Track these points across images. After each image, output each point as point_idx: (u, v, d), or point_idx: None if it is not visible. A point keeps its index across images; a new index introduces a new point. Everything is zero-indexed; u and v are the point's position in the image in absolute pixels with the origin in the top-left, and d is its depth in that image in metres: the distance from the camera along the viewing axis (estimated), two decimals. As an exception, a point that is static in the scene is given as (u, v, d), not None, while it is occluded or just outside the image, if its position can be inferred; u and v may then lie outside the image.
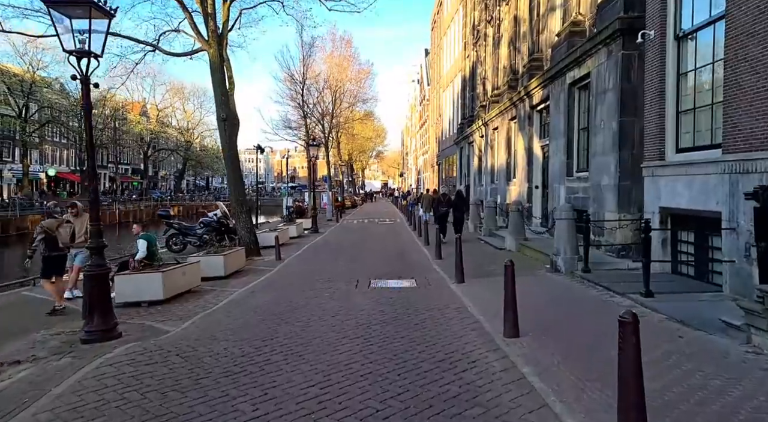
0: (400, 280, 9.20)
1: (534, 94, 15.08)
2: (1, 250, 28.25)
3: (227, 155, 13.88)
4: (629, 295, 7.02)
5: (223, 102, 13.52)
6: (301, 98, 29.09)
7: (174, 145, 72.85)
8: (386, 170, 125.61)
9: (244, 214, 13.76)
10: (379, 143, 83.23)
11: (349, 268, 11.10)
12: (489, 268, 10.33)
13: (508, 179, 18.50)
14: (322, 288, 8.48)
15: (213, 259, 10.32)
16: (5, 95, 39.47)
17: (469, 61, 28.88)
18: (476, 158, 24.91)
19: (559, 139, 12.91)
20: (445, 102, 40.45)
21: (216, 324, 6.11)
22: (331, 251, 14.63)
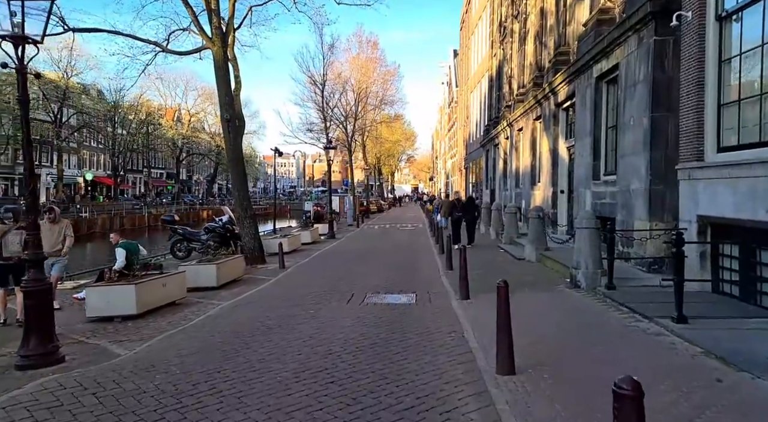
0: (398, 295, 8.32)
1: (559, 91, 13.94)
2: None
3: (231, 157, 13.34)
4: (658, 319, 5.93)
5: (227, 102, 12.98)
6: (321, 100, 28.52)
7: (205, 149, 73.93)
8: (417, 173, 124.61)
9: (249, 219, 13.16)
10: (408, 147, 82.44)
11: (350, 279, 10.29)
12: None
13: (533, 183, 17.34)
14: (310, 304, 7.69)
15: (204, 268, 9.70)
16: (41, 101, 40.57)
17: (496, 60, 27.74)
18: (501, 160, 23.74)
19: (585, 139, 11.77)
20: (473, 103, 39.29)
21: (171, 349, 5.39)
22: (339, 260, 13.86)
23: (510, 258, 12.67)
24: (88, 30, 12.22)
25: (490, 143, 27.26)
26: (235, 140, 13.20)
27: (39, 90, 39.43)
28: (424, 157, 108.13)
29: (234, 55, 14.11)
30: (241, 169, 13.49)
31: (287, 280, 10.62)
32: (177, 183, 70.79)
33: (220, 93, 12.97)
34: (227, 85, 13.03)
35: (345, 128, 33.72)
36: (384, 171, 78.29)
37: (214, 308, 7.67)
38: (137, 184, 71.41)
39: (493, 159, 26.98)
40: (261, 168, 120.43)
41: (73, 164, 57.99)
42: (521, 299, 7.70)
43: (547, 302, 7.40)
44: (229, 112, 12.95)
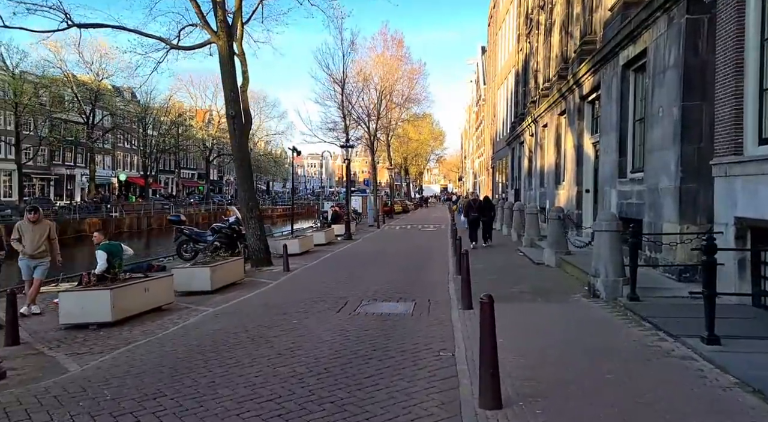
0: (396, 303, 7.63)
1: (584, 83, 12.96)
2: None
3: (236, 155, 12.92)
4: (685, 339, 5.07)
5: (232, 98, 12.55)
6: (340, 98, 27.98)
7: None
8: (447, 174, 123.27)
9: (254, 220, 12.70)
10: (436, 147, 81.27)
11: (352, 283, 9.66)
12: (513, 289, 8.51)
13: (557, 182, 16.33)
14: (298, 312, 7.09)
15: (199, 271, 9.24)
16: (75, 103, 41.59)
17: (522, 54, 26.65)
18: (526, 159, 22.70)
19: (611, 133, 10.80)
20: (500, 101, 38.15)
21: (123, 365, 4.88)
22: (348, 262, 13.26)
23: (527, 262, 11.80)
24: (92, 25, 12.02)
25: (516, 140, 26.20)
26: (241, 138, 12.77)
27: (72, 92, 40.48)
28: (454, 157, 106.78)
29: (242, 51, 13.70)
30: (246, 167, 13.05)
31: (287, 284, 10.08)
32: (207, 183, 71.85)
33: (225, 89, 12.55)
34: (233, 80, 12.61)
35: (367, 127, 33.11)
36: (411, 171, 77.43)
37: (196, 317, 7.17)
38: (169, 184, 72.77)
39: (518, 158, 25.93)
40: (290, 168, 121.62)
41: (107, 164, 59.51)
42: (530, 310, 6.90)
43: (559, 314, 6.58)
44: (234, 108, 12.52)
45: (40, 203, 36.82)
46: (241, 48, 13.66)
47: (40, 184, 45.91)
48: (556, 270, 10.40)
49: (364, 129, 32.69)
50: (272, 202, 69.36)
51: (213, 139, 69.21)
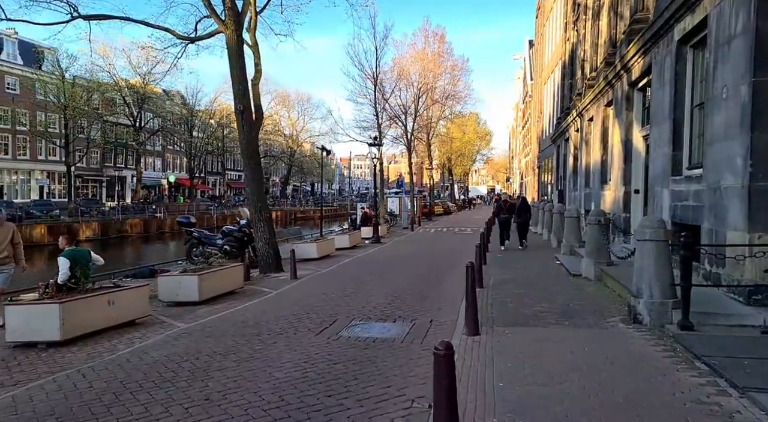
0: (392, 323, 6.47)
1: (633, 66, 11.29)
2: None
3: (245, 152, 12.11)
4: (755, 394, 3.65)
5: (241, 92, 11.76)
6: (373, 95, 26.97)
7: (279, 152, 75.44)
8: (495, 174, 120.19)
9: (263, 222, 11.85)
10: (483, 147, 78.97)
11: (355, 295, 8.57)
12: (539, 307, 7.14)
13: (603, 182, 14.57)
14: (272, 333, 6.07)
15: (186, 280, 8.40)
16: (123, 106, 42.81)
17: (569, 44, 24.71)
18: (571, 157, 20.85)
19: (663, 123, 9.16)
20: (546, 96, 36.03)
21: (24, 404, 3.99)
22: (363, 269, 12.15)
23: (562, 273, 10.29)
24: (97, 17, 11.56)
25: (561, 137, 24.31)
26: (250, 134, 11.95)
27: (120, 95, 41.67)
28: (502, 157, 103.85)
29: (255, 42, 12.93)
30: (255, 165, 12.22)
31: (285, 295, 9.09)
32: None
33: (234, 82, 11.77)
34: (242, 73, 11.81)
35: (404, 125, 31.92)
36: (456, 172, 75.50)
37: (158, 336, 6.27)
38: (217, 185, 74.40)
39: (563, 156, 24.02)
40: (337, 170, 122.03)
41: (158, 166, 61.41)
42: (552, 338, 5.55)
43: (586, 346, 5.20)
44: (242, 103, 11.72)
45: (89, 203, 38.14)
46: (254, 39, 12.88)
47: (93, 185, 47.68)
48: (594, 284, 8.88)
49: (400, 127, 31.51)
50: (314, 203, 69.44)
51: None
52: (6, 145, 38.67)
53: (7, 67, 38.24)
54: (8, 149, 38.81)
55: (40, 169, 40.88)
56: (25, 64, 38.78)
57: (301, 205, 67.58)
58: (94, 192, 47.31)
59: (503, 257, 13.70)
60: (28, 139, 39.29)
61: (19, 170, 40.05)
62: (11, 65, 38.51)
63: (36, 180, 40.23)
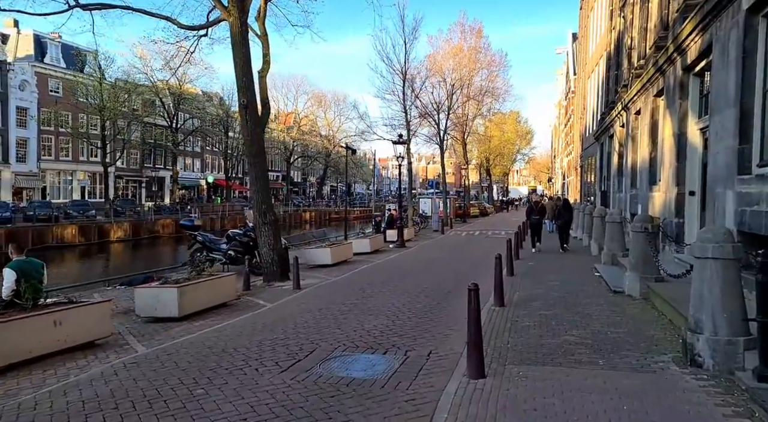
0: (382, 355, 5.31)
1: (689, 47, 9.67)
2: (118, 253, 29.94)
3: (249, 149, 11.24)
4: None
5: (245, 84, 10.87)
6: (402, 90, 25.73)
7: (315, 152, 75.30)
8: (537, 175, 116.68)
9: (268, 226, 10.92)
10: (523, 146, 76.42)
11: (351, 314, 7.47)
12: (568, 335, 5.81)
13: (652, 183, 12.87)
14: (230, 368, 5.03)
15: (165, 292, 7.50)
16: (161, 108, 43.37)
17: (615, 33, 22.75)
18: (616, 154, 19.02)
19: (727, 111, 7.59)
20: (589, 91, 33.84)
21: None
22: (375, 279, 11.01)
23: (601, 289, 8.82)
24: (94, 6, 10.93)
25: (604, 134, 22.42)
26: (254, 130, 11.03)
27: (157, 96, 42.17)
28: (544, 157, 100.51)
29: (264, 31, 12.06)
30: (260, 164, 11.31)
31: (276, 311, 8.05)
32: (287, 184, 73.14)
33: (237, 73, 10.89)
34: (245, 63, 10.92)
35: (436, 122, 30.53)
36: (494, 172, 73.24)
37: (93, 370, 5.26)
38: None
39: (607, 154, 22.13)
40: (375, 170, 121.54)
41: (197, 167, 62.36)
42: (583, 386, 4.24)
43: (626, 401, 3.87)
44: (246, 96, 10.83)
45: (126, 204, 38.73)
46: (263, 28, 12.02)
47: (133, 186, 48.65)
48: (639, 304, 7.42)
49: (432, 125, 30.14)
50: (350, 204, 68.85)
51: (294, 141, 70.28)
52: (49, 146, 39.81)
53: (51, 70, 39.37)
54: (51, 150, 39.95)
55: (82, 170, 41.95)
56: (67, 67, 39.80)
57: (336, 205, 67.08)
58: (134, 192, 48.25)
59: (534, 265, 12.28)
60: (70, 140, 40.30)
61: (61, 171, 41.20)
62: (54, 68, 39.63)
63: (78, 181, 41.28)
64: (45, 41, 39.36)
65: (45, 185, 39.64)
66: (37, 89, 37.99)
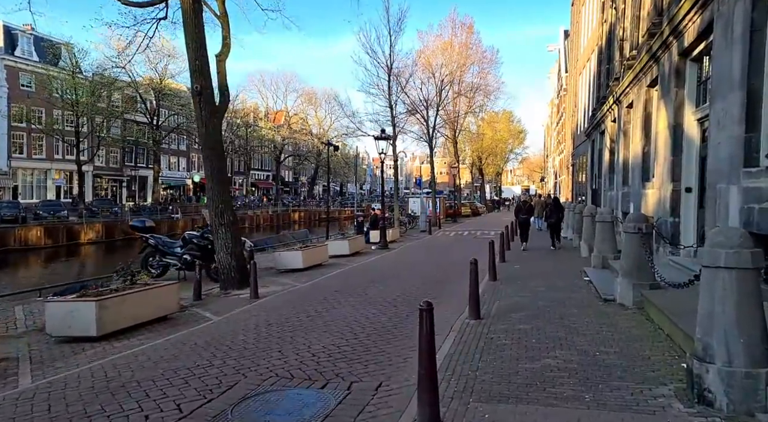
0: (318, 391, 4.31)
1: (686, 29, 8.76)
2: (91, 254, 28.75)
3: (204, 142, 10.20)
4: None
5: (198, 68, 9.84)
6: (387, 84, 24.73)
7: (306, 151, 74.08)
8: (530, 174, 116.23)
9: (225, 227, 9.90)
10: (516, 145, 75.80)
11: (301, 332, 6.49)
12: (552, 357, 4.87)
13: (645, 179, 11.99)
14: (112, 415, 4.04)
15: (82, 307, 6.43)
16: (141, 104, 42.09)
17: (606, 26, 21.89)
18: (607, 151, 18.16)
19: (731, 96, 6.68)
20: (581, 88, 33.05)
21: None
22: (345, 286, 10.00)
23: (592, 296, 7.88)
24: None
25: (595, 130, 21.57)
26: (209, 120, 10.01)
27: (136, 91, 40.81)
28: (537, 156, 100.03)
29: (224, 11, 11.06)
30: (216, 159, 10.28)
31: (217, 327, 7.00)
32: (276, 184, 71.97)
33: (190, 55, 9.85)
34: (199, 45, 9.87)
35: (425, 119, 29.59)
36: (487, 171, 72.47)
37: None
38: (244, 185, 73.74)
39: (598, 151, 21.28)
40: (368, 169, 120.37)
41: (182, 166, 61.01)
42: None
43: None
44: (200, 82, 9.81)
45: (102, 204, 37.45)
46: (223, 8, 11.04)
47: (113, 185, 47.29)
48: (633, 316, 6.48)
49: (420, 121, 29.18)
50: (340, 204, 67.74)
51: (283, 139, 69.06)
52: (21, 144, 38.28)
53: (22, 63, 37.80)
54: (24, 147, 38.42)
55: (57, 168, 40.49)
56: (40, 60, 38.25)
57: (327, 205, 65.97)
58: (114, 192, 46.92)
59: (520, 268, 11.36)
60: (43, 138, 38.83)
61: (35, 170, 39.65)
62: (26, 62, 38.06)
63: (52, 180, 39.86)
64: (15, 33, 37.83)
65: (17, 184, 38.13)
66: (7, 83, 36.45)
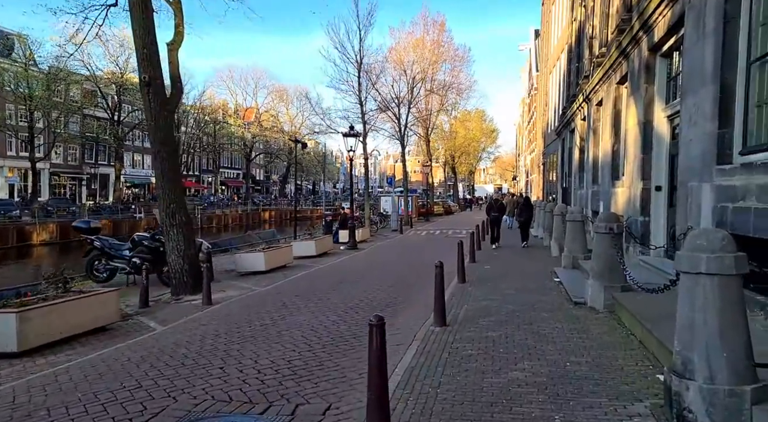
0: (256, 417, 3.80)
1: (657, 23, 8.54)
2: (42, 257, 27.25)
3: (154, 136, 9.50)
4: None
5: (146, 57, 9.14)
6: (357, 80, 24.19)
7: (278, 149, 72.74)
8: (502, 173, 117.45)
9: (176, 228, 9.24)
10: (489, 144, 76.41)
11: (249, 345, 5.96)
12: (519, 369, 4.47)
13: (615, 178, 11.82)
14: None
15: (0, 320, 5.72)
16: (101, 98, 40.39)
17: (576, 25, 21.88)
18: (577, 149, 18.08)
19: (702, 90, 6.43)
20: (551, 86, 33.20)
21: None
22: (306, 291, 9.47)
23: (562, 299, 7.56)
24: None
25: (566, 128, 21.55)
26: (160, 113, 9.31)
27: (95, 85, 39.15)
28: (509, 155, 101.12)
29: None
30: (168, 155, 9.59)
31: (162, 338, 6.42)
32: (247, 183, 70.53)
33: (137, 42, 9.13)
34: (147, 31, 9.15)
35: (397, 117, 29.18)
36: (460, 170, 72.73)
37: None
38: (213, 184, 71.95)
39: (568, 149, 21.26)
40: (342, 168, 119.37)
41: (147, 164, 59.03)
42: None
43: None
44: (148, 72, 9.11)
45: (59, 203, 35.74)
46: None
47: (72, 184, 45.33)
48: (604, 321, 6.16)
49: (392, 119, 28.75)
50: (312, 203, 66.84)
51: (254, 137, 67.61)
52: (-31, 141, 36.25)
53: (-29, 56, 35.77)
54: (-28, 145, 36.39)
55: (9, 166, 38.40)
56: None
57: (299, 204, 64.83)
58: (74, 191, 44.99)
59: (490, 269, 11.04)
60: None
61: (-15, 168, 37.67)
62: (-25, 55, 36.03)
63: (5, 178, 37.83)
64: (-37, 24, 35.80)
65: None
66: (-48, 76, 34.39)
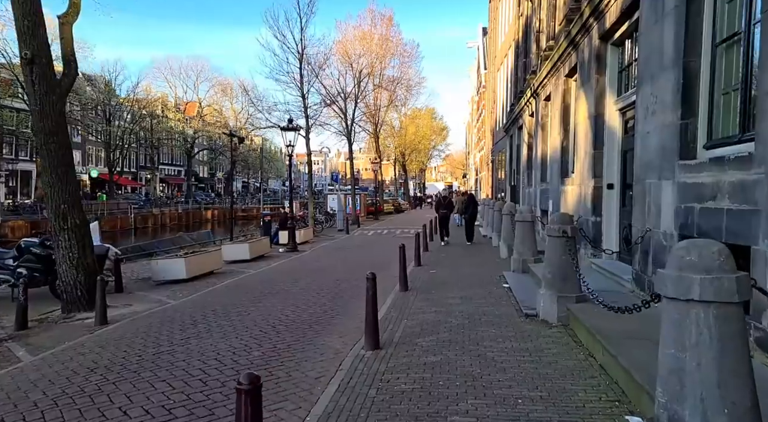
0: None
1: (608, 8, 7.93)
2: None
3: (39, 124, 8.00)
4: None
5: (27, 30, 7.64)
6: (299, 72, 22.96)
7: (221, 145, 69.73)
8: (453, 171, 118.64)
9: (69, 233, 7.81)
10: (439, 142, 76.65)
11: (127, 383, 4.78)
12: (462, 413, 3.54)
13: (564, 175, 11.28)
14: None
15: None
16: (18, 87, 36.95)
17: (523, 19, 21.56)
18: (525, 146, 17.66)
19: (662, 77, 5.79)
20: (499, 83, 33.08)
21: None
22: (224, 304, 8.27)
23: (512, 310, 6.77)
24: None
25: (513, 125, 21.18)
26: (46, 98, 7.83)
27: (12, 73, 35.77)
28: (459, 153, 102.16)
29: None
30: (58, 148, 8.12)
31: (20, 377, 5.16)
32: (188, 180, 67.32)
33: (15, 12, 7.60)
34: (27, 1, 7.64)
35: (344, 112, 28.11)
36: (411, 167, 72.46)
37: None
38: (152, 181, 68.08)
39: (516, 146, 20.90)
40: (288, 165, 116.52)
41: (77, 160, 54.86)
42: None
43: None
44: (30, 48, 7.61)
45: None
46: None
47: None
48: (559, 338, 5.39)
49: (338, 113, 27.64)
50: (260, 201, 64.51)
51: (195, 132, 64.45)
52: None
53: None
54: None
55: None
56: None
57: (244, 203, 62.33)
58: (-9, 189, 41.03)
59: (436, 273, 10.21)
60: None
61: None
62: None
63: None
64: None
65: None
66: None
